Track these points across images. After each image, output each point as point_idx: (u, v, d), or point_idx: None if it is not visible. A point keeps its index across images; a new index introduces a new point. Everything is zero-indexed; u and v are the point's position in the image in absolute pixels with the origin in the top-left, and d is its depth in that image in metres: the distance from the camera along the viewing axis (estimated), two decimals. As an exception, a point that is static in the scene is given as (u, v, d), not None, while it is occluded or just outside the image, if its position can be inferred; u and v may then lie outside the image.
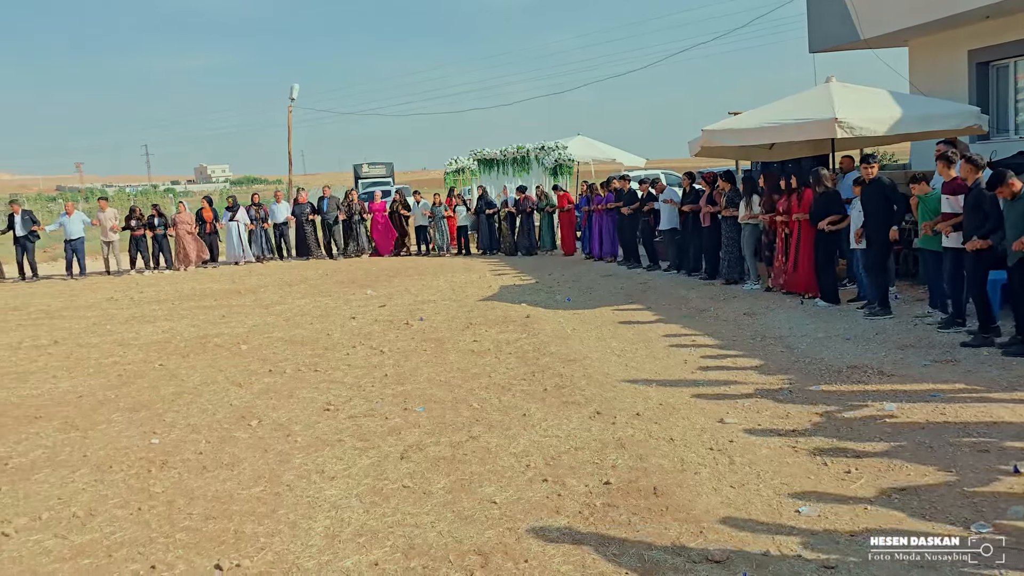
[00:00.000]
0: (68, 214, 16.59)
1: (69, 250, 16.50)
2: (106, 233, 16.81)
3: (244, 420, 5.95)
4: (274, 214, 18.51)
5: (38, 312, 11.76)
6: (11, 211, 16.46)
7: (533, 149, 20.35)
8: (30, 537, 4.13)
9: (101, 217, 16.85)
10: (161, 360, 8.10)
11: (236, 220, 17.83)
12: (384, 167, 38.65)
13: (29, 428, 6.01)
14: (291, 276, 15.03)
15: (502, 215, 18.04)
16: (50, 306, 12.34)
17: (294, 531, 4.02)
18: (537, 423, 5.52)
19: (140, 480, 4.85)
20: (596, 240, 15.75)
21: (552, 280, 12.89)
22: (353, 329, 9.34)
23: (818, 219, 8.96)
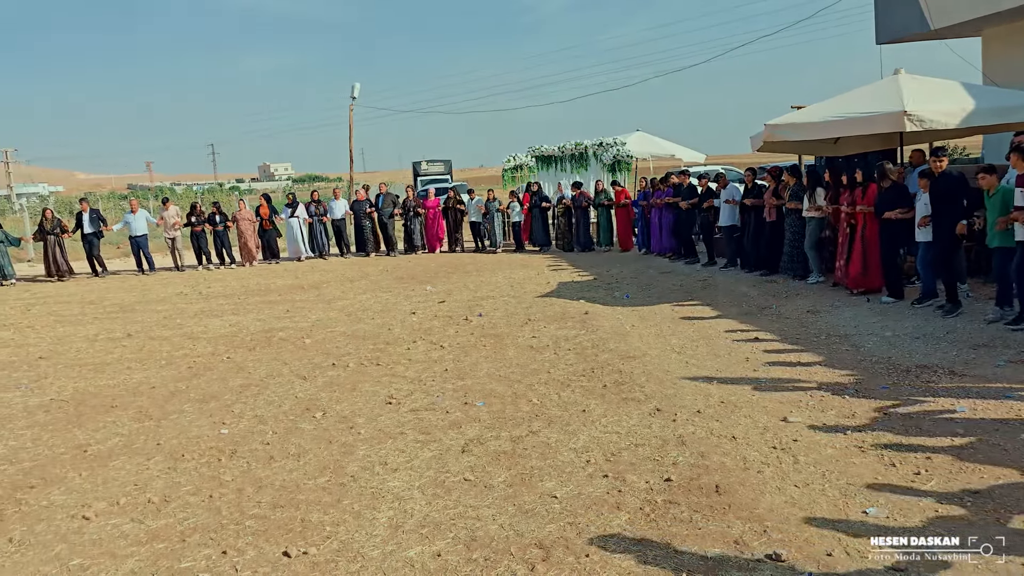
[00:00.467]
0: (133, 212, 17.18)
1: (135, 246, 17.08)
2: (168, 230, 17.36)
3: (309, 412, 6.09)
4: (332, 211, 18.84)
5: (112, 306, 12.20)
6: (80, 209, 17.11)
7: (591, 145, 20.29)
8: (109, 521, 4.31)
9: (164, 215, 17.39)
10: (229, 353, 8.34)
11: (296, 216, 18.21)
12: (442, 164, 39.01)
13: (106, 417, 6.26)
14: (352, 272, 15.27)
15: (558, 211, 18.03)
16: (123, 300, 12.78)
17: (359, 521, 4.11)
18: (597, 419, 5.52)
19: (211, 468, 5.01)
20: (655, 236, 15.63)
21: (610, 276, 12.83)
22: (413, 324, 9.46)
23: (883, 213, 8.74)
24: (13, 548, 4.04)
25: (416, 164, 39.39)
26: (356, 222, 18.93)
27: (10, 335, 10.08)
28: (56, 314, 11.66)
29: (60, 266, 16.54)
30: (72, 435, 5.84)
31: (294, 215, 18.22)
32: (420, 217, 18.90)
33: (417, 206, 18.85)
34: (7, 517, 4.42)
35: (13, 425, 6.16)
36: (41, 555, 3.94)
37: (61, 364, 8.23)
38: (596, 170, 20.14)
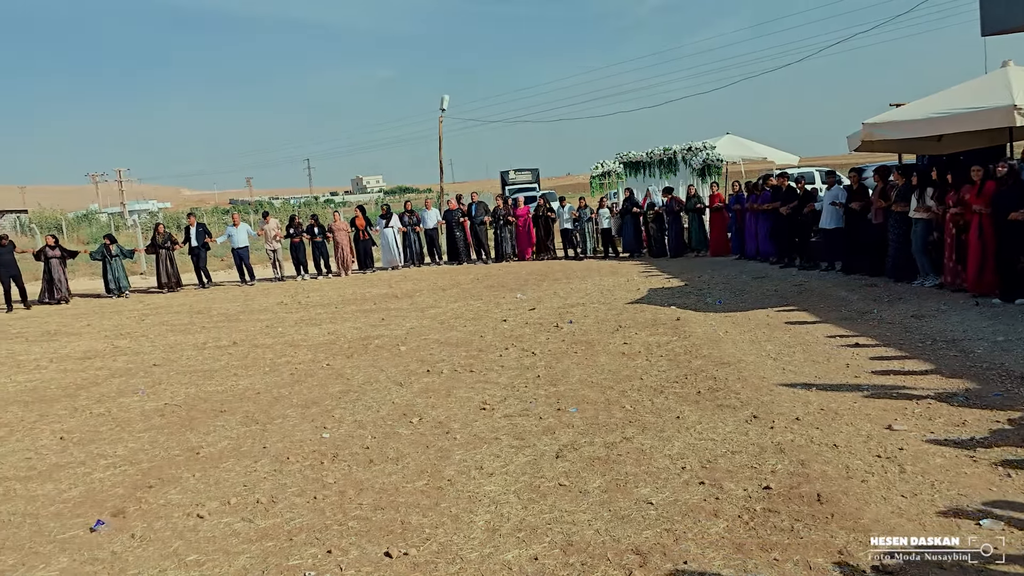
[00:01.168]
0: (235, 225, 17.94)
1: (237, 258, 17.83)
2: (269, 241, 18.06)
3: (406, 417, 6.24)
4: (425, 220, 19.21)
5: (218, 316, 12.78)
6: (188, 223, 17.99)
7: (680, 150, 20.05)
8: (221, 519, 4.53)
9: (265, 228, 18.11)
10: (328, 360, 8.62)
11: (390, 227, 18.66)
12: (530, 173, 39.22)
13: (216, 421, 6.57)
14: (444, 281, 15.53)
15: (649, 217, 17.88)
16: (228, 310, 13.37)
17: (456, 524, 4.19)
18: (691, 426, 5.46)
19: (314, 471, 5.20)
20: (751, 240, 15.31)
21: (701, 282, 12.65)
22: (505, 331, 9.56)
23: (1001, 212, 8.31)
24: (135, 543, 4.29)
25: (504, 173, 39.74)
26: (448, 231, 19.25)
27: (127, 343, 10.69)
28: (167, 323, 12.30)
29: (170, 278, 17.42)
30: (185, 438, 6.16)
31: (388, 225, 18.69)
32: (511, 225, 19.05)
33: (508, 214, 19.02)
34: (129, 514, 4.70)
35: (132, 428, 6.54)
36: (160, 550, 4.18)
37: (173, 371, 8.68)
38: (685, 175, 19.89)
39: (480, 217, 19.13)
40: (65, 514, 4.79)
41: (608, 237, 18.81)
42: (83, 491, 5.16)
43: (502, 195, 21.89)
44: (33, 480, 5.44)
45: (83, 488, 5.21)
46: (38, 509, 4.90)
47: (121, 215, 56.96)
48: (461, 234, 19.19)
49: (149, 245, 18.00)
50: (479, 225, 19.15)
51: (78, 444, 6.20)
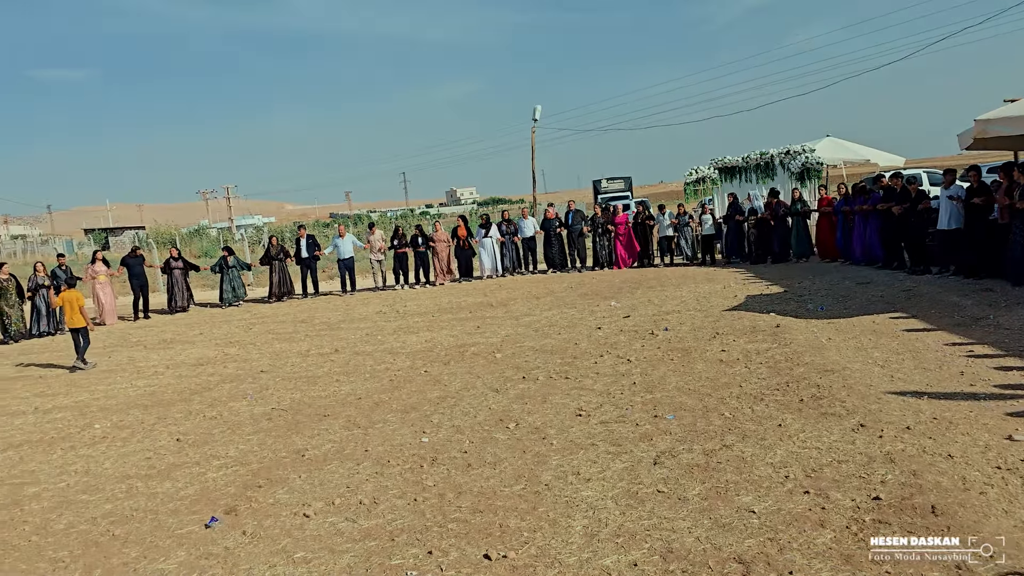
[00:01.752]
0: (341, 236, 18.49)
1: (343, 268, 18.36)
2: (374, 252, 18.54)
3: (502, 423, 6.29)
4: (522, 230, 19.35)
5: (321, 325, 13.20)
6: (298, 235, 18.67)
7: (778, 154, 19.56)
8: (326, 519, 4.68)
9: (371, 239, 18.61)
10: (426, 367, 8.78)
11: (489, 237, 18.89)
12: (623, 181, 38.95)
13: (320, 425, 6.80)
14: (538, 289, 15.59)
15: (751, 222, 17.46)
16: (330, 319, 13.80)
17: (554, 528, 4.20)
18: (794, 434, 5.30)
19: (414, 474, 5.31)
20: (858, 244, 14.76)
21: (802, 288, 12.27)
22: (599, 339, 9.52)
23: None
24: (246, 540, 4.48)
25: (596, 182, 39.57)
26: (546, 240, 19.33)
27: (236, 351, 11.18)
28: (273, 332, 12.79)
29: (282, 288, 18.13)
30: (291, 441, 6.40)
31: (488, 235, 18.91)
32: (609, 233, 18.97)
33: (607, 222, 18.95)
34: (241, 512, 4.92)
35: (242, 431, 6.83)
36: (270, 547, 4.35)
37: (279, 377, 9.02)
38: (783, 179, 19.37)
39: (578, 226, 19.13)
40: (182, 511, 5.05)
41: (708, 243, 18.47)
42: (198, 489, 5.42)
43: (600, 203, 21.74)
44: (153, 478, 5.76)
45: (198, 487, 5.48)
46: (158, 506, 5.18)
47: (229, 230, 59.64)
48: (558, 243, 19.22)
49: (263, 256, 18.77)
50: (577, 235, 19.15)
51: (193, 445, 6.53)
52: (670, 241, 18.85)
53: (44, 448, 6.89)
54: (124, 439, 6.94)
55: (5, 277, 14.89)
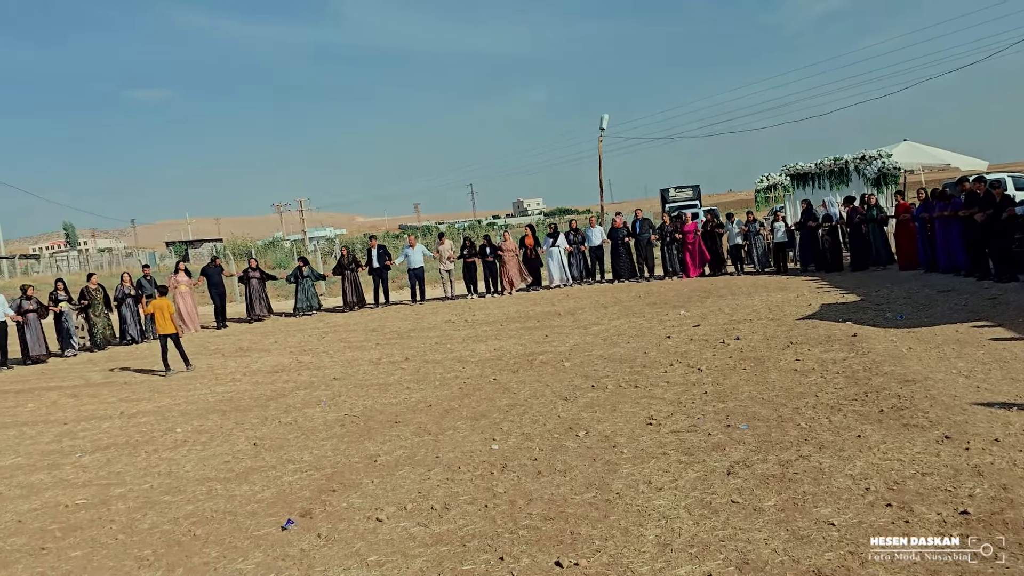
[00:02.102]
0: (411, 247, 18.75)
1: (412, 278, 18.60)
2: (443, 262, 18.73)
3: (572, 431, 6.27)
4: (590, 239, 19.29)
5: (391, 333, 13.40)
6: (369, 246, 19.00)
7: (852, 159, 19.07)
8: (399, 524, 4.73)
9: (440, 248, 18.82)
10: (495, 375, 8.82)
11: (557, 246, 18.89)
12: (691, 190, 38.52)
13: (391, 431, 6.89)
14: (606, 298, 15.51)
15: (825, 229, 17.02)
16: (400, 328, 13.99)
17: (626, 537, 4.16)
18: (874, 445, 5.14)
19: (485, 480, 5.33)
20: (940, 252, 14.24)
21: (880, 297, 11.89)
22: (669, 348, 9.41)
23: None
24: (321, 542, 4.57)
25: (664, 191, 39.23)
26: (614, 249, 19.24)
27: (310, 359, 11.43)
28: (345, 341, 13.03)
29: (355, 297, 18.49)
30: (364, 446, 6.50)
31: (555, 244, 18.92)
32: (678, 242, 18.77)
33: (675, 230, 18.74)
34: (316, 515, 5.01)
35: (316, 436, 6.97)
36: (344, 550, 4.42)
37: (352, 384, 9.18)
38: (858, 185, 18.87)
39: (646, 234, 18.95)
40: (259, 513, 5.17)
41: (781, 251, 18.08)
42: (274, 493, 5.55)
43: (667, 212, 21.50)
44: (232, 481, 5.92)
45: (274, 490, 5.61)
46: (236, 507, 5.32)
47: (303, 241, 61.14)
48: (626, 252, 19.09)
49: (336, 267, 19.18)
50: (645, 244, 18.98)
51: (269, 450, 6.69)
52: (740, 249, 18.51)
53: (129, 451, 7.16)
54: (204, 443, 7.16)
55: (94, 287, 15.61)
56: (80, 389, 10.86)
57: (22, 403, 10.21)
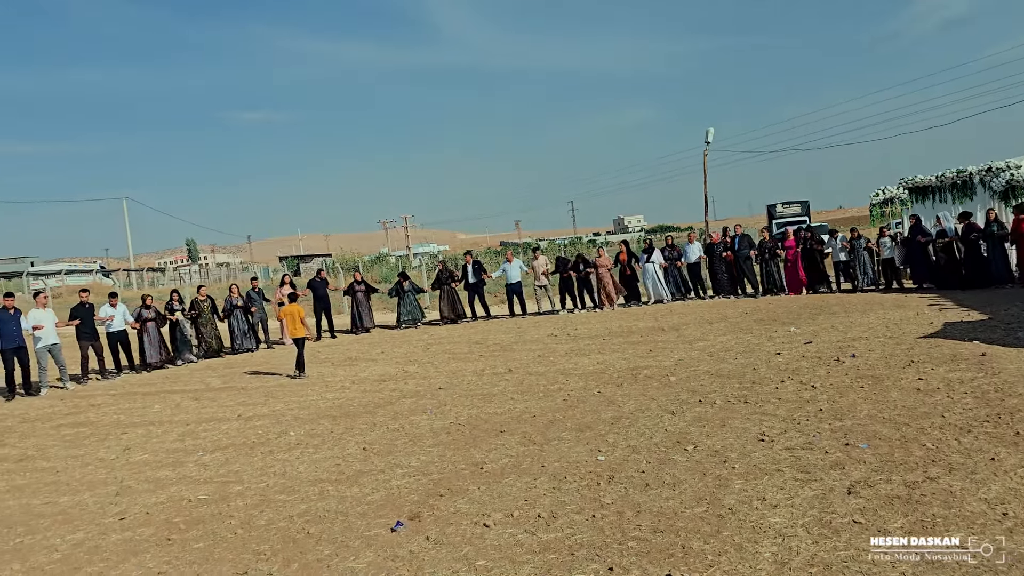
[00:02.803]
0: (509, 262, 18.88)
1: (510, 293, 18.72)
2: (539, 277, 18.77)
3: (680, 445, 6.13)
4: (687, 254, 18.95)
5: (494, 346, 13.50)
6: (465, 261, 19.25)
7: (977, 171, 18.03)
8: (505, 530, 4.73)
9: (534, 264, 18.88)
10: (599, 388, 8.74)
11: (652, 261, 18.64)
12: (800, 205, 37.34)
13: (496, 440, 6.92)
14: (711, 314, 15.17)
15: (939, 246, 16.15)
16: (502, 341, 14.07)
17: (741, 553, 4.02)
18: (1011, 469, 4.80)
19: (591, 491, 5.27)
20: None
21: (1010, 316, 11.16)
22: (779, 364, 9.10)
23: None
24: (429, 545, 4.61)
25: (771, 207, 38.13)
26: (711, 265, 18.84)
27: (415, 369, 11.64)
28: (449, 352, 13.21)
29: (453, 311, 18.75)
30: (470, 454, 6.54)
31: (650, 260, 18.68)
32: (778, 258, 18.22)
33: (775, 247, 18.21)
34: (424, 518, 5.07)
35: (423, 443, 7.07)
36: (452, 553, 4.45)
37: (457, 394, 9.28)
38: (983, 199, 17.82)
39: (745, 251, 18.46)
40: (370, 514, 5.28)
41: (891, 268, 17.26)
42: (384, 495, 5.66)
43: (767, 228, 20.85)
44: (342, 483, 6.07)
45: (384, 493, 5.72)
46: (347, 508, 5.45)
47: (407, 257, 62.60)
48: (725, 268, 18.65)
49: (434, 281, 19.53)
50: (744, 260, 18.48)
51: (378, 454, 6.83)
52: (845, 266, 17.78)
53: (246, 451, 7.45)
54: (316, 446, 7.38)
55: (202, 298, 16.36)
56: (201, 393, 11.40)
57: (149, 404, 10.80)
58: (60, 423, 10.00)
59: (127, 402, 11.17)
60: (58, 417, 10.47)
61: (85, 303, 14.35)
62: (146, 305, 15.42)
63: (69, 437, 9.02)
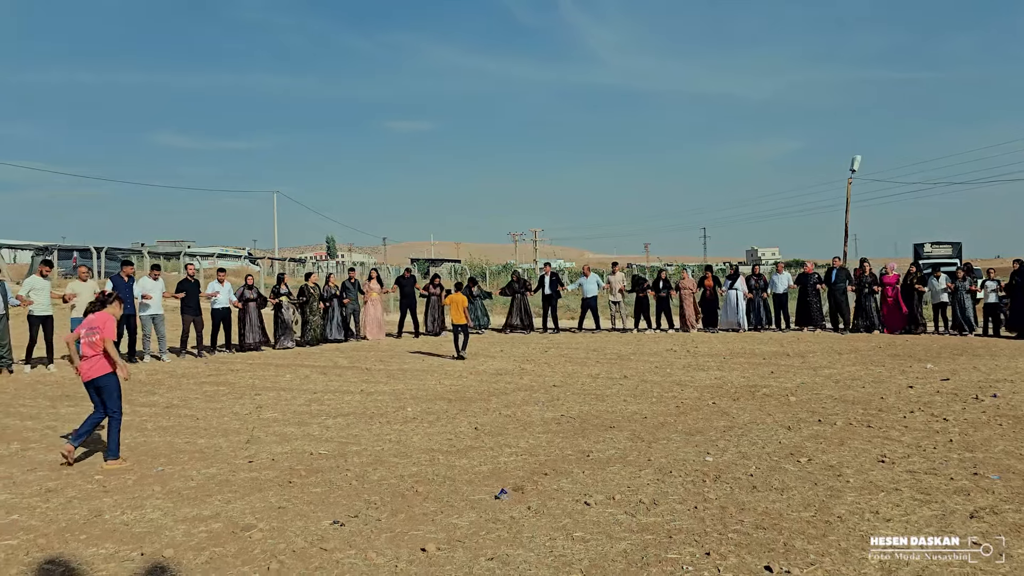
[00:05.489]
0: (586, 276, 18.78)
1: (585, 307, 18.61)
2: (614, 293, 18.63)
3: (793, 456, 5.99)
4: (775, 284, 18.30)
5: (612, 355, 13.49)
6: (543, 272, 19.15)
7: None
8: (605, 510, 4.78)
9: (611, 280, 18.73)
10: (714, 400, 8.61)
11: (735, 288, 18.10)
12: (951, 247, 35.22)
13: (605, 434, 6.96)
14: (840, 345, 14.57)
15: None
16: (620, 351, 14.04)
17: (846, 557, 3.91)
18: None
19: (696, 486, 5.24)
20: None
21: None
22: (910, 397, 8.67)
23: None
24: (530, 514, 4.73)
25: (919, 246, 36.10)
26: (801, 295, 18.22)
27: (532, 367, 11.82)
28: (566, 356, 13.31)
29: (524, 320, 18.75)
30: (577, 442, 6.62)
31: (733, 287, 18.17)
32: (875, 294, 17.32)
33: (873, 282, 17.33)
34: (528, 491, 5.19)
35: (533, 429, 7.20)
36: (552, 524, 4.54)
37: (569, 392, 9.37)
38: None
39: (842, 284, 17.65)
40: (476, 482, 5.45)
41: (993, 313, 16.14)
42: (491, 468, 5.82)
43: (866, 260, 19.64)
44: (452, 454, 6.28)
45: (491, 466, 5.88)
46: (455, 475, 5.64)
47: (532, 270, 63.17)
48: (815, 299, 17.95)
49: (505, 287, 19.53)
50: (840, 293, 17.67)
51: (488, 434, 7.01)
52: (945, 308, 16.73)
53: (366, 420, 7.82)
54: (430, 422, 7.65)
55: (312, 285, 16.63)
56: (328, 369, 12.00)
57: (281, 374, 11.47)
58: (203, 381, 10.79)
59: (262, 371, 11.91)
60: (201, 376, 11.30)
61: (191, 278, 14.46)
62: (248, 286, 15.32)
63: (210, 393, 9.72)
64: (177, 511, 4.95)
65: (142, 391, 9.91)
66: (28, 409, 8.74)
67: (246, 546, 4.29)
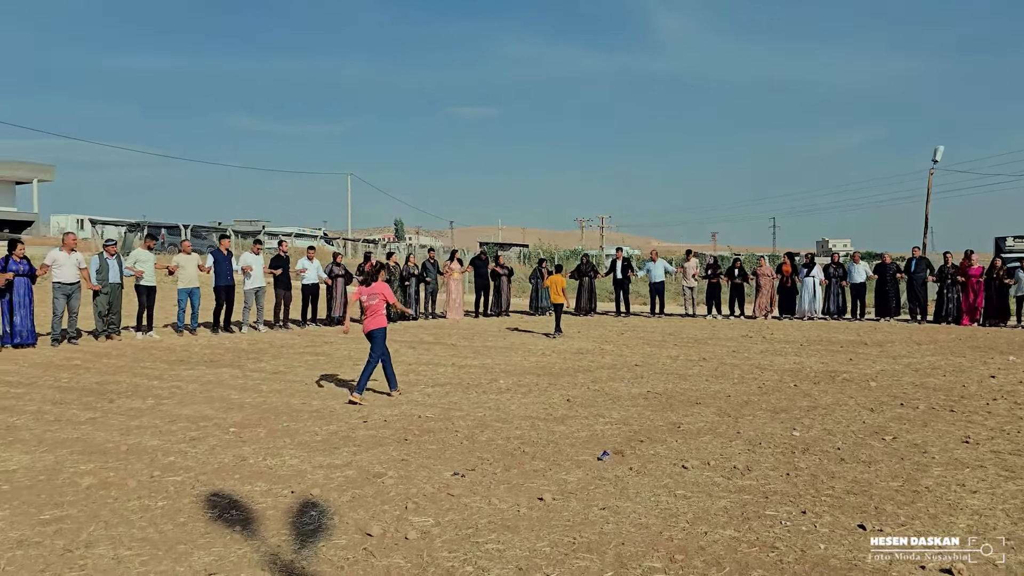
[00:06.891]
0: (653, 261, 18.97)
1: (653, 292, 18.89)
2: (687, 279, 18.77)
3: (877, 435, 6.26)
4: (852, 274, 18.21)
5: (688, 338, 13.77)
6: (616, 257, 19.42)
7: None
8: (703, 473, 5.17)
9: (685, 265, 18.90)
10: (795, 382, 8.87)
11: (812, 276, 18.08)
12: (1035, 241, 34.09)
13: (692, 408, 7.33)
14: (919, 336, 14.54)
15: None
16: (697, 336, 14.31)
17: (935, 521, 4.22)
18: None
19: (786, 456, 5.58)
20: None
21: None
22: (993, 386, 8.78)
23: None
24: (632, 474, 5.15)
25: (1000, 239, 35.11)
26: (879, 284, 18.12)
27: (611, 348, 12.20)
28: (643, 339, 13.65)
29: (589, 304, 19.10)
30: (666, 415, 7.00)
31: (810, 275, 18.14)
32: (958, 285, 17.08)
33: (956, 273, 17.08)
34: (627, 455, 5.61)
35: (622, 403, 7.61)
36: (654, 483, 4.95)
37: (652, 371, 9.74)
38: None
39: (921, 274, 17.47)
40: (577, 446, 5.89)
41: None
42: (588, 435, 6.25)
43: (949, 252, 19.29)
44: (550, 422, 6.74)
45: (588, 433, 6.32)
46: (557, 439, 6.10)
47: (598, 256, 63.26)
48: (893, 289, 17.82)
49: (575, 271, 19.86)
50: (920, 284, 17.50)
51: (580, 406, 7.45)
52: None
53: (462, 390, 8.33)
54: (524, 392, 8.13)
55: (394, 264, 17.27)
56: (416, 343, 12.60)
57: (372, 347, 12.11)
58: (302, 351, 11.50)
59: (354, 343, 12.56)
60: (299, 347, 12.02)
61: (283, 254, 15.35)
62: (336, 263, 16.21)
63: (311, 362, 10.40)
64: (312, 459, 5.52)
65: (248, 357, 10.64)
66: (151, 370, 9.53)
67: (381, 489, 4.82)
